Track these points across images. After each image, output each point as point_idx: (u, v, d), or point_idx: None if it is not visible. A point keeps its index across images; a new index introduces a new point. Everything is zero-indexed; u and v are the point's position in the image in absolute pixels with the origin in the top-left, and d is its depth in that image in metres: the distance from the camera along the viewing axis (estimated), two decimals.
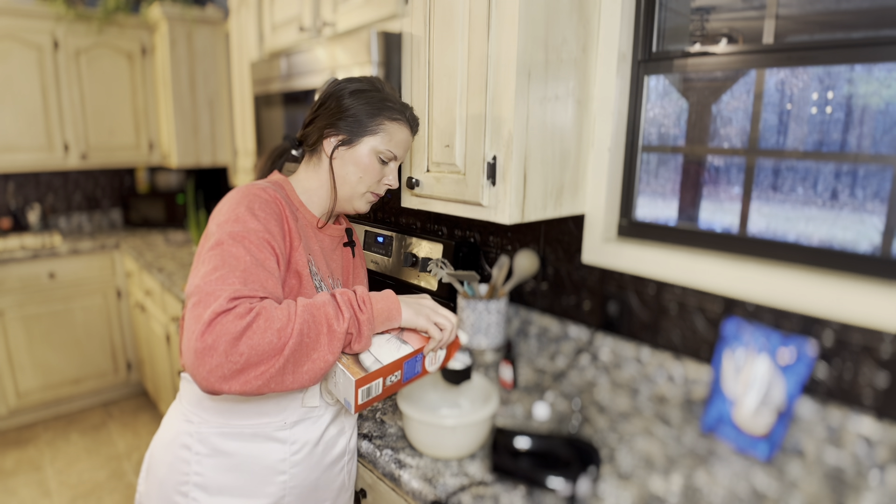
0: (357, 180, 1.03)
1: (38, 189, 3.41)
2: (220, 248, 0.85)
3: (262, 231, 0.89)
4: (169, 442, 0.98)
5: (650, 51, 1.33)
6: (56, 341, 3.07)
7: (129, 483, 2.58)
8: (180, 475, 0.96)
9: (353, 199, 1.06)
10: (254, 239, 0.87)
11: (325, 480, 1.04)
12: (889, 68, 1.04)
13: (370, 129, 1.02)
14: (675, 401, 1.28)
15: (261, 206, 0.91)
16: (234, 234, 0.87)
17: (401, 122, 1.04)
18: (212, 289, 0.79)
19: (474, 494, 0.96)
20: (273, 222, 0.92)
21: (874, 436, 1.01)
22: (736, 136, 1.25)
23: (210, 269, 0.83)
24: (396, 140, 1.04)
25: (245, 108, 2.36)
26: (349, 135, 1.01)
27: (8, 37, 2.87)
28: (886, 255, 1.05)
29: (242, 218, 0.89)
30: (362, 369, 0.88)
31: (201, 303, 0.78)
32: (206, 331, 0.75)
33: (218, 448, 0.95)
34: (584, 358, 1.47)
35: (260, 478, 0.97)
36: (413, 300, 0.97)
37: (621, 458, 1.07)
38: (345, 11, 1.60)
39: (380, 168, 1.04)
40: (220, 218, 0.90)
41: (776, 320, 1.14)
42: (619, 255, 1.36)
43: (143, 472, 1.06)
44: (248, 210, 0.90)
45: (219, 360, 0.75)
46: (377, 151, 1.03)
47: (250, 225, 0.88)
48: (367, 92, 1.02)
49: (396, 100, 1.05)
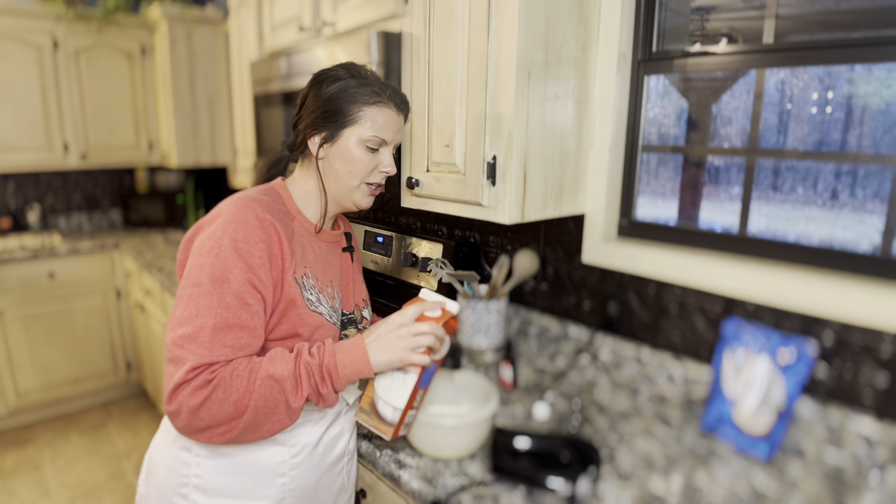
0: (347, 175, 0.99)
1: (38, 189, 3.41)
2: (198, 290, 0.85)
3: (245, 271, 0.86)
4: (169, 444, 0.98)
5: (650, 51, 1.33)
6: (56, 341, 3.07)
7: (129, 483, 2.58)
8: (180, 477, 0.96)
9: (349, 194, 1.01)
10: (234, 283, 0.85)
11: (325, 482, 1.04)
12: (889, 68, 1.04)
13: (349, 118, 0.96)
14: (675, 401, 1.28)
15: (245, 237, 0.88)
16: (214, 276, 0.85)
17: (381, 104, 0.98)
18: (178, 354, 0.83)
19: (474, 494, 0.96)
20: (258, 255, 0.88)
21: (874, 436, 1.01)
22: (736, 135, 1.25)
23: (184, 318, 0.85)
24: (380, 123, 0.98)
25: (245, 108, 2.36)
26: (330, 130, 0.97)
27: (8, 37, 2.87)
28: (886, 255, 1.05)
29: (224, 254, 0.86)
30: (388, 424, 0.94)
31: (170, 363, 0.84)
32: (171, 398, 0.83)
33: (218, 450, 0.95)
34: (584, 358, 1.47)
35: (260, 480, 0.96)
36: (381, 336, 0.91)
37: (621, 458, 1.07)
38: (344, 11, 1.60)
39: (370, 157, 0.99)
40: (205, 245, 0.88)
41: (776, 320, 1.14)
42: (619, 255, 1.36)
43: (142, 473, 1.06)
44: (231, 245, 0.87)
45: (184, 422, 0.83)
46: (363, 140, 0.97)
47: (231, 263, 0.86)
48: (339, 81, 0.97)
49: (374, 81, 0.99)
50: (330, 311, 1.01)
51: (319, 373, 0.87)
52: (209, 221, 0.91)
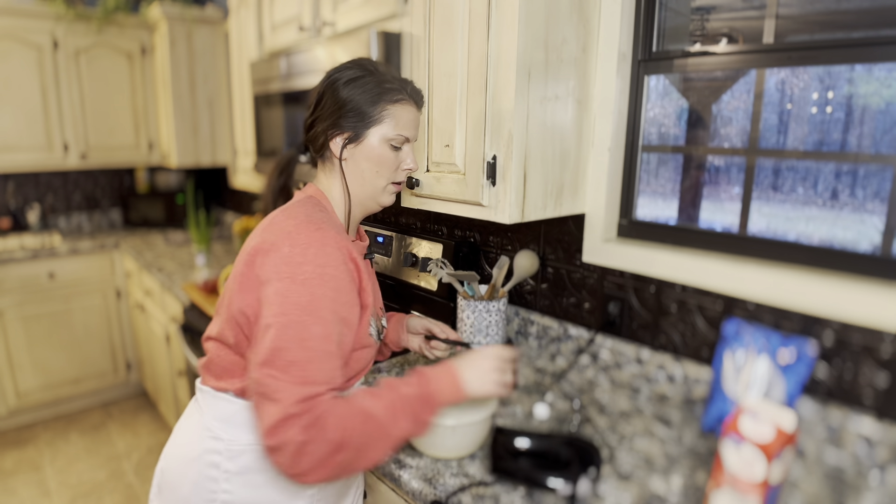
0: (375, 175, 0.97)
1: (38, 189, 3.41)
2: (284, 319, 0.82)
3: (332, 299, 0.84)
4: (193, 459, 0.95)
5: (650, 50, 1.33)
6: (56, 341, 3.07)
7: (129, 483, 2.58)
8: (207, 493, 0.93)
9: (375, 195, 0.99)
10: (322, 311, 0.83)
11: (345, 487, 1.05)
12: (889, 68, 1.04)
13: (375, 118, 0.94)
14: (675, 401, 1.28)
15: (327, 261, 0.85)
16: (301, 305, 0.82)
17: (404, 102, 0.97)
18: (271, 387, 0.80)
19: (474, 494, 0.96)
20: (343, 278, 0.86)
21: (874, 436, 1.01)
22: (736, 135, 1.25)
23: (272, 349, 0.81)
24: (404, 122, 0.97)
25: (245, 108, 2.36)
26: (354, 130, 0.95)
27: (8, 37, 2.87)
28: (886, 255, 1.05)
29: (310, 282, 0.83)
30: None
31: (262, 397, 0.81)
32: (272, 434, 0.79)
33: (249, 466, 0.94)
34: (584, 358, 1.47)
35: (289, 493, 0.95)
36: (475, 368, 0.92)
37: (621, 458, 1.07)
38: (344, 11, 1.60)
39: (394, 156, 0.98)
40: (283, 271, 0.83)
41: (776, 320, 1.14)
42: (619, 254, 1.36)
43: (154, 487, 1.03)
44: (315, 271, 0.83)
45: (285, 460, 0.79)
46: (387, 139, 0.96)
47: (318, 291, 0.82)
48: (360, 79, 0.95)
49: (394, 78, 0.97)
50: (376, 331, 1.00)
51: (422, 412, 0.86)
52: (278, 245, 0.87)
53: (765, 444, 0.75)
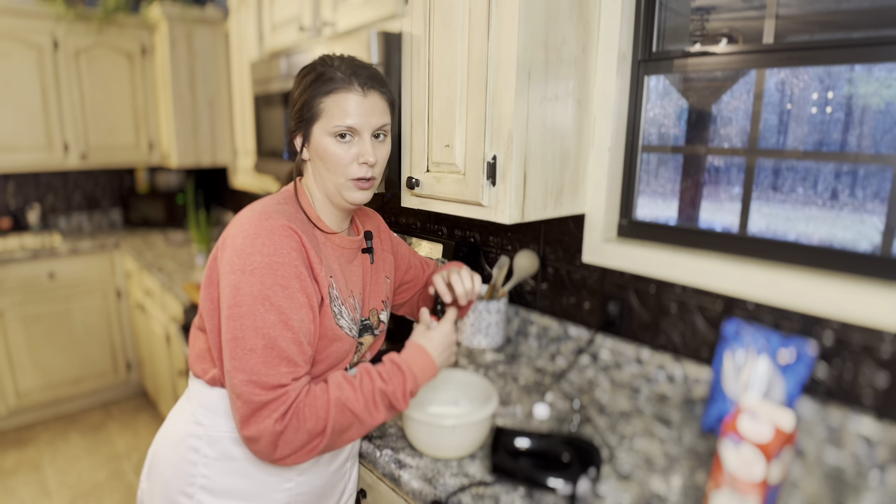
0: (328, 172, 0.95)
1: (38, 189, 3.41)
2: (238, 310, 0.84)
3: (283, 285, 0.86)
4: (176, 443, 0.97)
5: (650, 51, 1.33)
6: (56, 341, 3.07)
7: (129, 483, 2.58)
8: (186, 476, 0.95)
9: (338, 191, 0.96)
10: (274, 299, 0.84)
11: (329, 486, 1.05)
12: (889, 68, 1.04)
13: (314, 113, 0.92)
14: (674, 401, 1.28)
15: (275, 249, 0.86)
16: (253, 295, 0.84)
17: (337, 91, 0.91)
18: (239, 378, 0.83)
19: (474, 494, 0.96)
20: (293, 265, 0.87)
21: (874, 436, 1.01)
22: (736, 136, 1.25)
23: (231, 341, 0.84)
24: (341, 110, 0.90)
25: (245, 108, 2.36)
26: (304, 129, 0.94)
27: (8, 37, 2.87)
28: (886, 255, 1.05)
29: (259, 271, 0.85)
30: None
31: (233, 389, 0.85)
32: (246, 425, 0.83)
33: (227, 452, 0.94)
34: (584, 358, 1.47)
35: (267, 484, 0.96)
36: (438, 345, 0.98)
37: (621, 458, 1.07)
38: (345, 11, 1.60)
39: (345, 149, 0.92)
40: (235, 263, 0.86)
41: (776, 320, 1.14)
42: (619, 254, 1.36)
43: (145, 469, 1.05)
44: (263, 261, 0.85)
45: (263, 448, 0.83)
46: (327, 132, 0.92)
47: (268, 280, 0.85)
48: (306, 77, 0.93)
49: (337, 67, 0.92)
50: (350, 325, 0.99)
51: (397, 397, 0.90)
52: (232, 237, 0.89)
53: (764, 443, 0.75)
